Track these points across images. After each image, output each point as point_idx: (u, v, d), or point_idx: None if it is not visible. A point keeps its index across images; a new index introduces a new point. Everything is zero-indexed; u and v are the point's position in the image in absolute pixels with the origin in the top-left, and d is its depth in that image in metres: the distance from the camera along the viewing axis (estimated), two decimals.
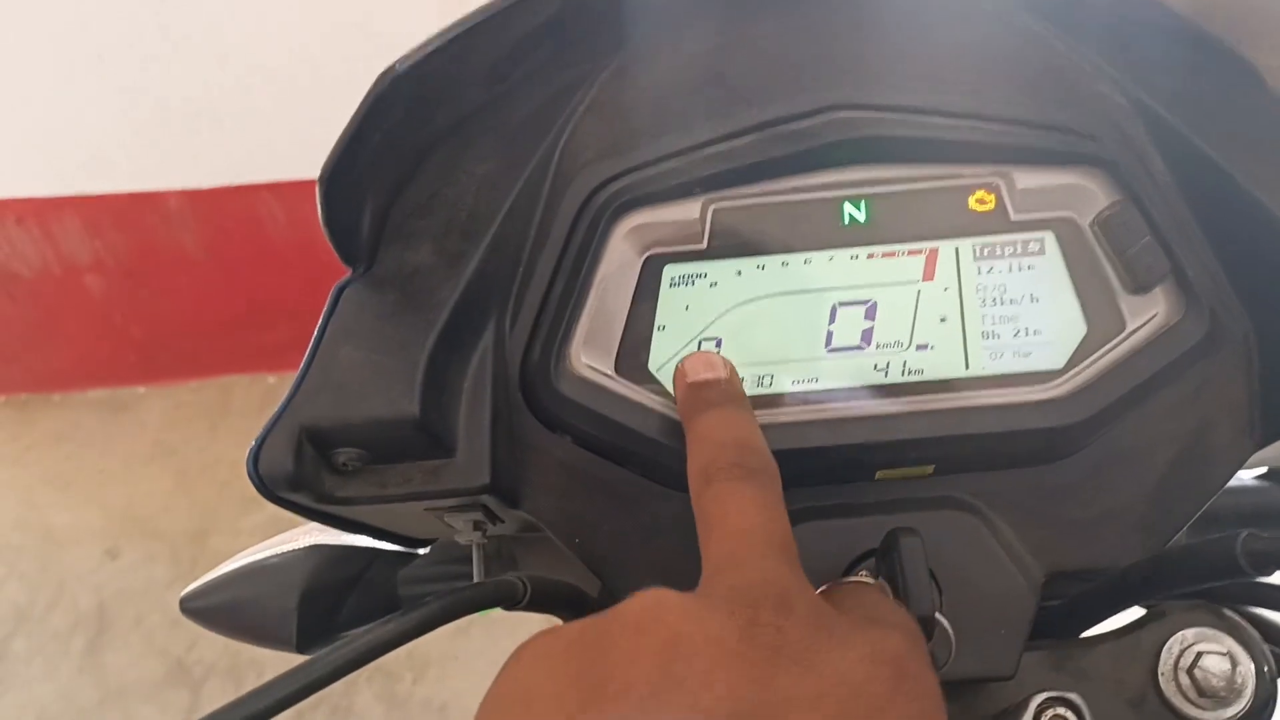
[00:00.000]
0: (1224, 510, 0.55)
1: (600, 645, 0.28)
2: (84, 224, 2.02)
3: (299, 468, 0.38)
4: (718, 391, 0.39)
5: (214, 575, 0.57)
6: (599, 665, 0.28)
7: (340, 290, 0.41)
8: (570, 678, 0.28)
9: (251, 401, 2.19)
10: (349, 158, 0.37)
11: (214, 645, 1.78)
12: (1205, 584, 0.37)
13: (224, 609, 0.55)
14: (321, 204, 0.37)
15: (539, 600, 0.40)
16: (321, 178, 0.36)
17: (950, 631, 0.38)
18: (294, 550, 0.56)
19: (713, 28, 0.46)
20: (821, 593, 0.34)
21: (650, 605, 0.29)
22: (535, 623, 0.52)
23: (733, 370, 0.41)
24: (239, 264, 2.10)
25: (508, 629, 1.83)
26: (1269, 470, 0.56)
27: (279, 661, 0.36)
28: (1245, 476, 0.57)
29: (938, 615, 0.37)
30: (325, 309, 0.40)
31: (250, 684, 0.32)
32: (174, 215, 2.00)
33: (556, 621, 0.51)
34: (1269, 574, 0.34)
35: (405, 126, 0.41)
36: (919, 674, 0.30)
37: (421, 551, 0.56)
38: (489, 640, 1.77)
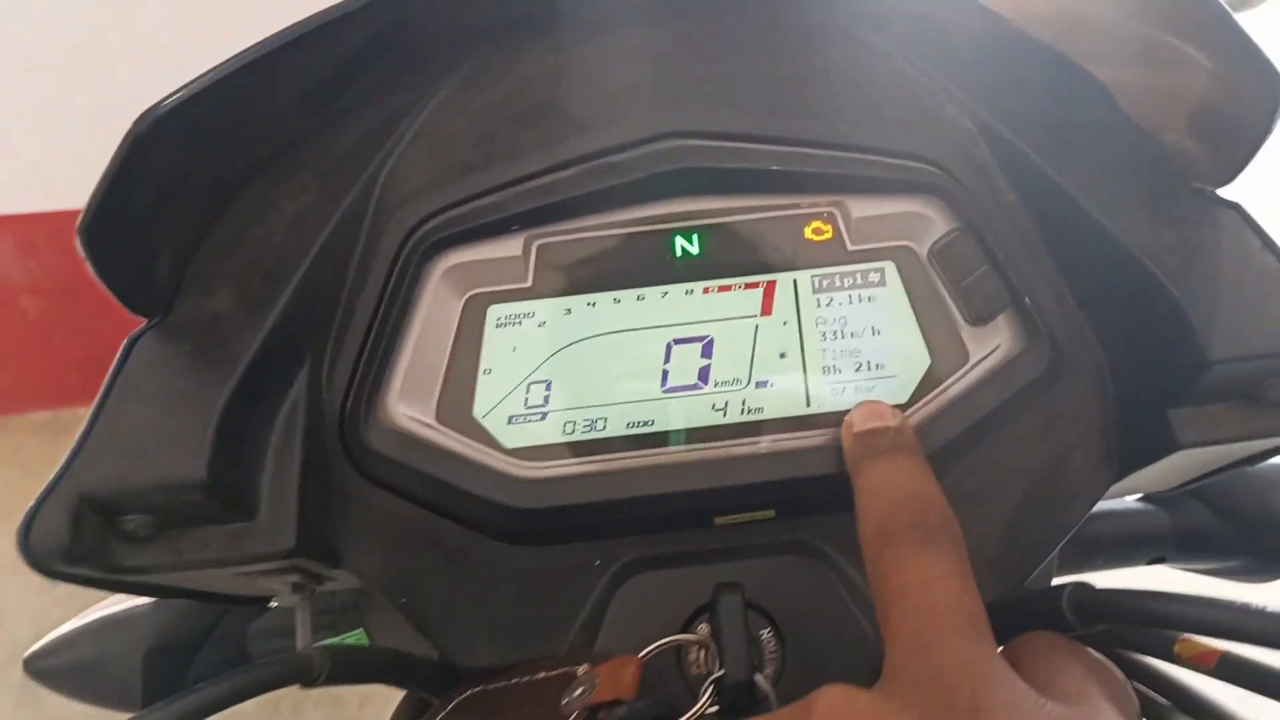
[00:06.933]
0: (1106, 536, 0.53)
1: None
2: (17, 244, 1.97)
3: (78, 539, 0.35)
4: (887, 440, 0.36)
5: (62, 631, 0.54)
6: None
7: (132, 342, 0.38)
8: None
9: None
10: (112, 205, 0.34)
11: None
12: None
13: (68, 670, 0.53)
14: (88, 256, 0.34)
15: (352, 673, 0.37)
16: (80, 229, 0.33)
17: (772, 697, 0.35)
18: (142, 603, 0.53)
19: (549, 49, 0.44)
20: (1008, 649, 0.31)
21: (837, 705, 0.27)
22: None
23: (904, 420, 0.38)
24: None
25: None
26: (1144, 496, 0.55)
27: None
28: (1129, 498, 0.55)
29: (758, 678, 0.35)
30: (114, 363, 0.38)
31: None
32: None
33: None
34: (1093, 627, 0.33)
35: (199, 163, 0.38)
36: None
37: (275, 603, 0.53)
38: None
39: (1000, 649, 0.31)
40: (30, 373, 2.19)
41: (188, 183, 0.38)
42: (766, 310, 0.41)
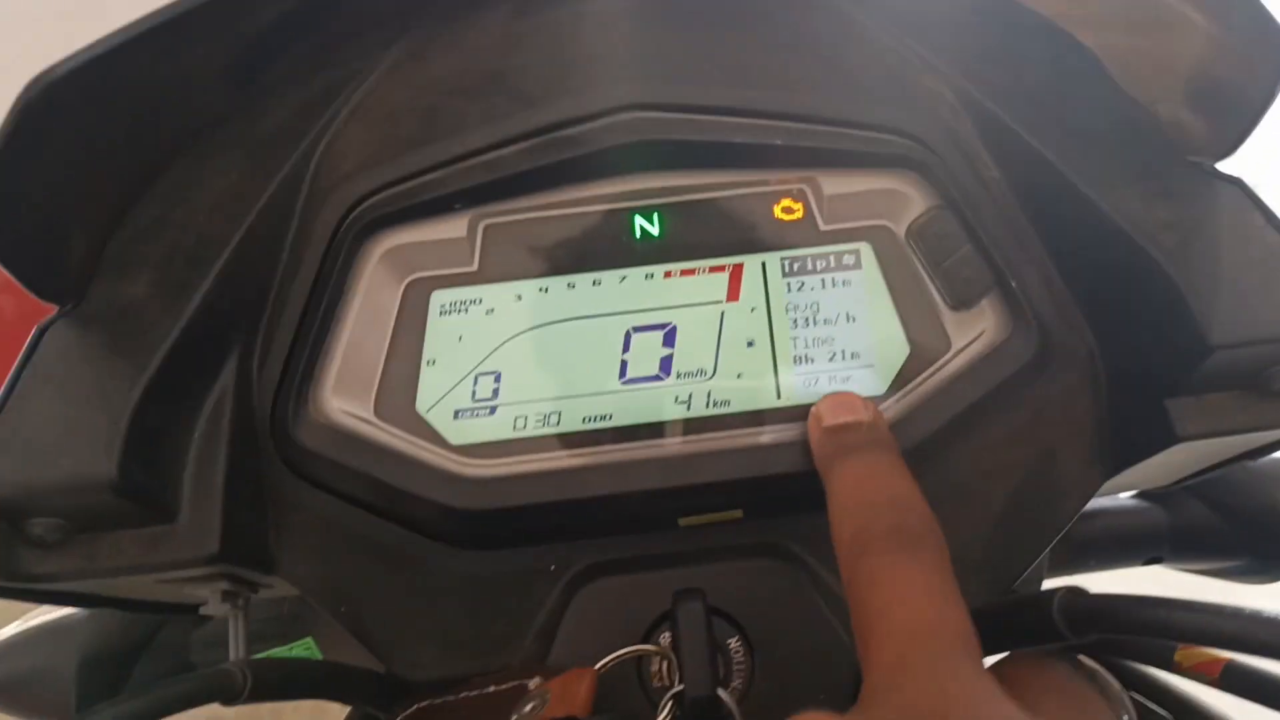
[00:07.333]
0: (1099, 535, 0.50)
1: None
2: None
3: None
4: (861, 436, 0.34)
5: None
6: None
7: (41, 330, 0.35)
8: None
9: None
10: (8, 182, 0.31)
11: None
12: (1026, 646, 0.33)
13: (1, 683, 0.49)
14: None
15: (283, 688, 0.34)
16: None
17: (737, 714, 0.33)
18: (78, 611, 0.50)
19: (499, 18, 0.41)
20: (995, 668, 0.29)
21: None
22: None
23: (877, 413, 0.35)
24: None
25: None
26: (1139, 493, 0.52)
27: None
28: (1123, 495, 0.53)
29: (721, 693, 0.32)
30: (21, 353, 0.34)
31: None
32: None
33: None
34: (1087, 637, 0.30)
35: (112, 137, 0.35)
36: None
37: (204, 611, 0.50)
38: None
39: (988, 667, 0.28)
40: (5, 372, 2.16)
41: (101, 159, 0.35)
42: (733, 295, 0.38)
